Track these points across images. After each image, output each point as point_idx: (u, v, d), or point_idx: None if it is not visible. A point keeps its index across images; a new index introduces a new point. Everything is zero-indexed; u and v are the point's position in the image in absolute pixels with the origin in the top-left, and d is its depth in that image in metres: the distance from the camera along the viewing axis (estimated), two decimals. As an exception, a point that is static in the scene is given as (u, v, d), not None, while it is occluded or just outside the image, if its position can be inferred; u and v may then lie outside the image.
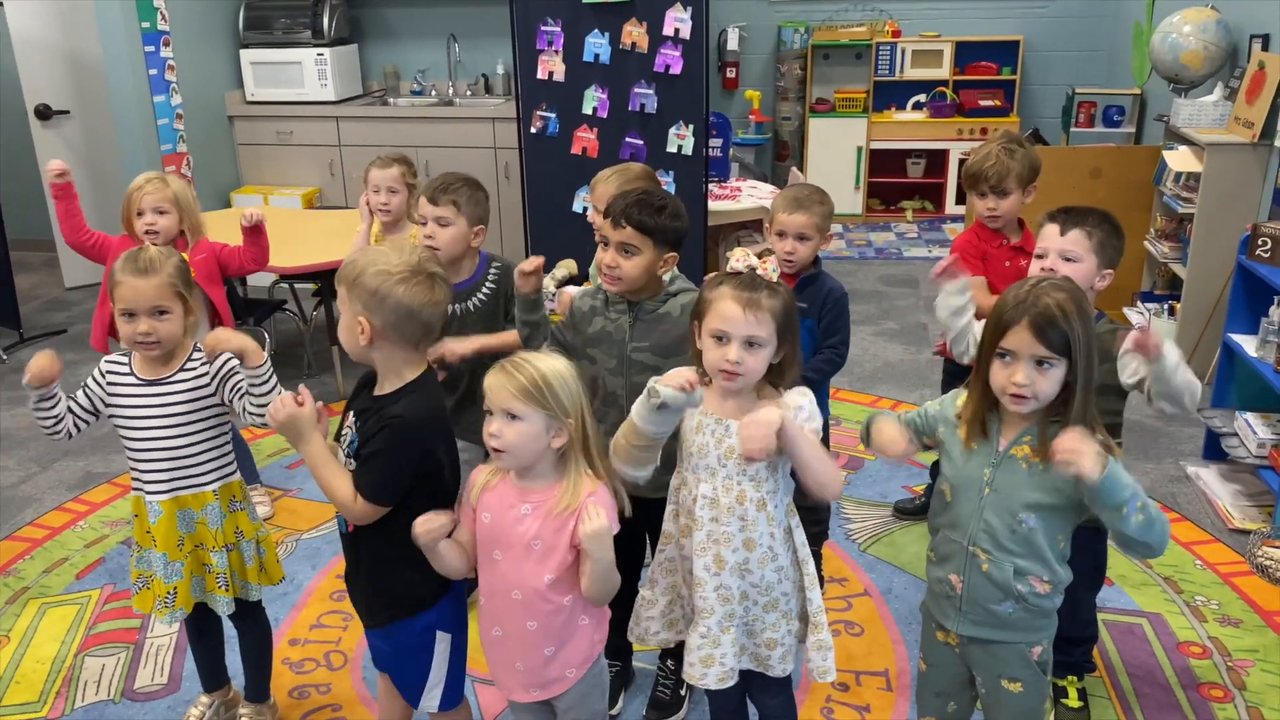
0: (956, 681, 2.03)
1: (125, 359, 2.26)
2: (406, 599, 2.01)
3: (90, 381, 2.26)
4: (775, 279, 1.89)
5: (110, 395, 2.24)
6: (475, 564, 1.95)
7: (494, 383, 1.80)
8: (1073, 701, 2.50)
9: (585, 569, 1.83)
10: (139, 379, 2.22)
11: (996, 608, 1.87)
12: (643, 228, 2.22)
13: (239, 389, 2.23)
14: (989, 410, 1.84)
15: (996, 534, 1.83)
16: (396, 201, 3.24)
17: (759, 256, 1.90)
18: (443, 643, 2.07)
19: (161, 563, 2.27)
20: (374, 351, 1.91)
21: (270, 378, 2.19)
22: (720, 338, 1.86)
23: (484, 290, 2.72)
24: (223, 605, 2.33)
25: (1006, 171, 2.85)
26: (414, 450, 1.89)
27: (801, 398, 1.89)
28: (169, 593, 2.28)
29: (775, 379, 1.93)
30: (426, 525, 1.83)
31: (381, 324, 1.88)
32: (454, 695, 2.13)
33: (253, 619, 2.46)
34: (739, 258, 1.90)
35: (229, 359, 2.24)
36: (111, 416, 2.26)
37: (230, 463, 2.32)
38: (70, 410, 2.24)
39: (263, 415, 2.20)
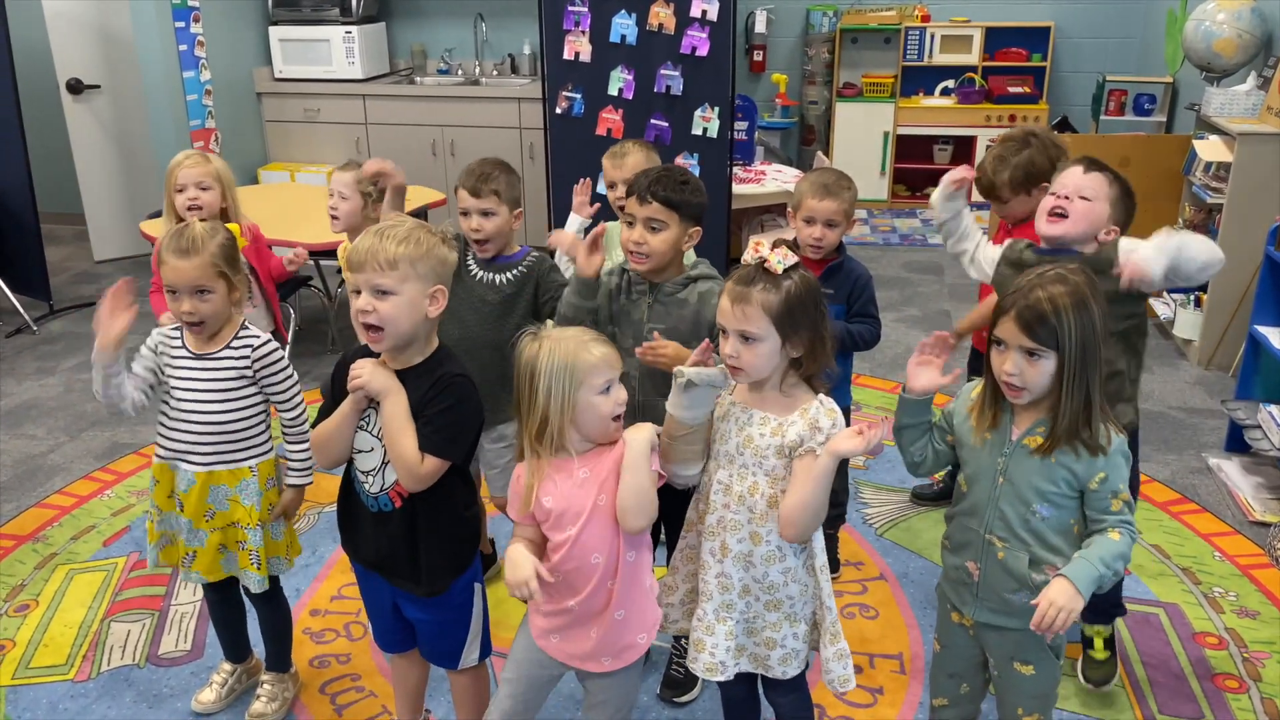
0: (970, 663, 2.04)
1: (178, 331, 2.29)
2: (462, 557, 2.05)
3: (145, 351, 2.29)
4: (781, 270, 1.82)
5: (163, 364, 2.28)
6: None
7: (610, 352, 1.83)
8: (1099, 653, 2.49)
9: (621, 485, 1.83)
10: (190, 352, 2.26)
11: (1012, 597, 1.88)
12: (669, 202, 2.24)
13: (270, 384, 2.30)
14: (999, 399, 1.85)
15: (1011, 523, 1.84)
16: (345, 208, 3.15)
17: (774, 246, 1.85)
18: (479, 593, 2.12)
19: (186, 527, 2.32)
20: (428, 324, 1.94)
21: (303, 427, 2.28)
22: (723, 330, 1.87)
23: (514, 272, 2.66)
24: (255, 582, 2.36)
25: (991, 185, 2.84)
26: (478, 407, 1.95)
27: (828, 419, 1.86)
28: (187, 554, 2.33)
29: (805, 372, 1.89)
30: (520, 578, 1.82)
31: (446, 289, 1.93)
32: (488, 643, 2.18)
33: (272, 601, 2.49)
34: (753, 248, 1.87)
35: (270, 349, 2.27)
36: (165, 383, 2.31)
37: (268, 440, 2.36)
38: (139, 382, 2.28)
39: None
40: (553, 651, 1.99)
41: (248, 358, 2.26)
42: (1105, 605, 2.50)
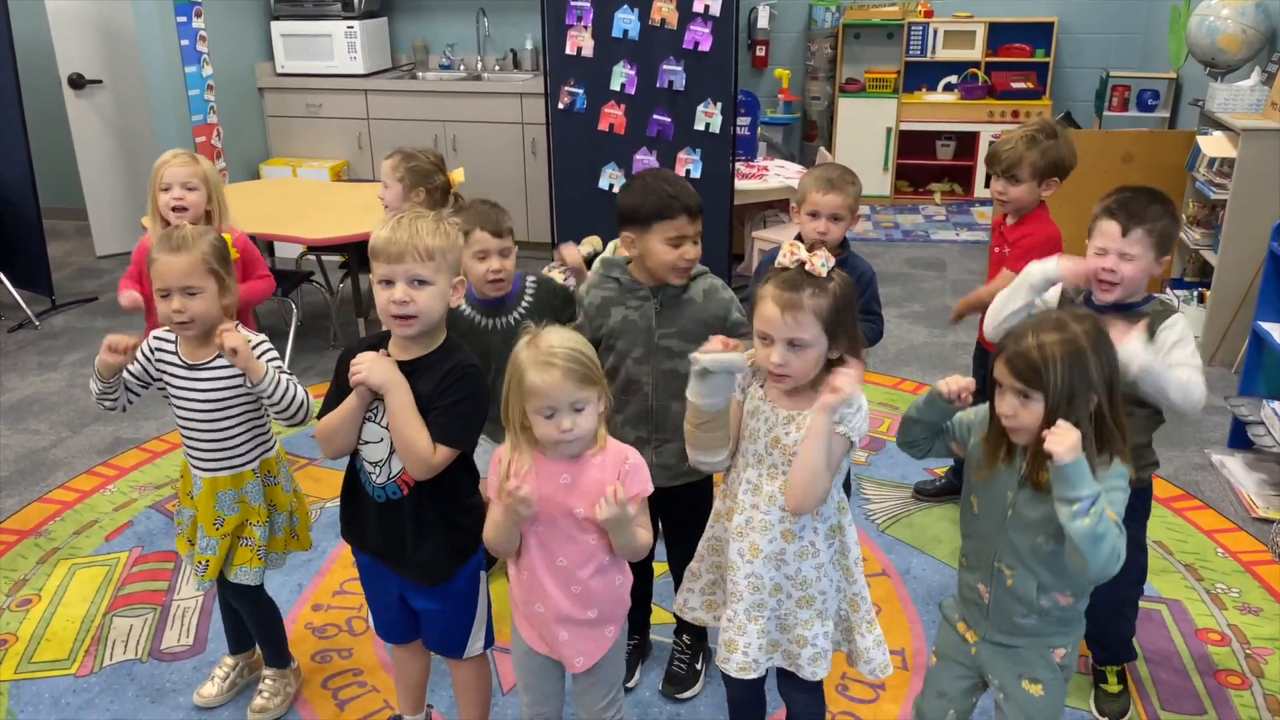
0: (962, 685, 2.01)
1: (172, 338, 2.26)
2: (466, 545, 2.05)
3: (140, 355, 2.27)
4: (825, 273, 1.80)
5: (157, 370, 2.27)
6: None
7: (552, 380, 1.75)
8: (1112, 686, 2.50)
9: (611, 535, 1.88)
10: (182, 362, 2.24)
11: (1021, 620, 1.88)
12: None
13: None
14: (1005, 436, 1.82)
15: (1020, 552, 1.84)
16: (388, 196, 3.13)
17: (811, 248, 1.82)
18: (484, 581, 2.14)
19: (200, 533, 2.32)
20: (446, 311, 1.95)
21: (275, 387, 2.19)
22: (765, 338, 1.84)
23: (522, 307, 2.60)
24: (253, 575, 2.36)
25: (1019, 160, 2.83)
26: (487, 396, 1.97)
27: (860, 396, 1.83)
28: (201, 563, 2.33)
29: (834, 346, 1.86)
30: (516, 490, 1.80)
31: (463, 279, 1.96)
32: (491, 633, 2.20)
33: (255, 600, 2.47)
34: (788, 252, 1.82)
35: (264, 348, 2.24)
36: (161, 388, 2.30)
37: (267, 438, 2.35)
38: (125, 385, 2.28)
39: (288, 420, 2.23)
40: (537, 646, 2.01)
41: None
42: (1114, 645, 2.51)
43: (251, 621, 2.52)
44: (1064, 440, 1.64)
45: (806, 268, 1.80)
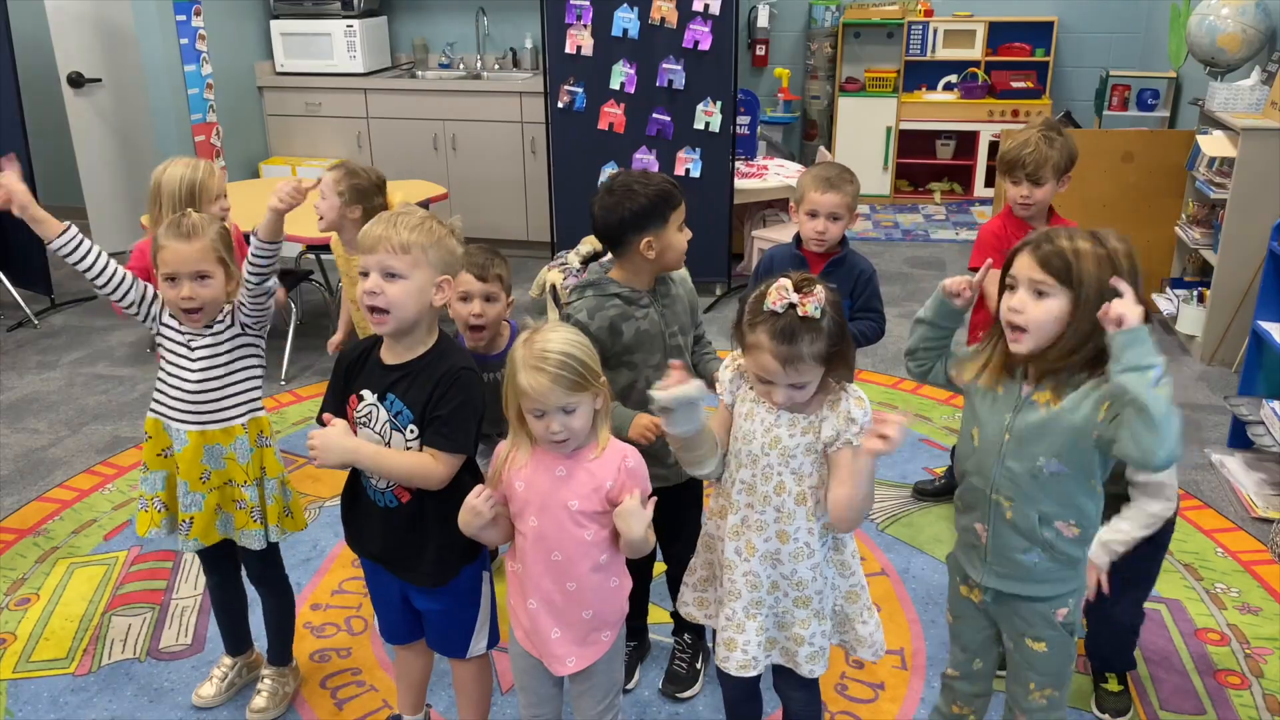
0: (981, 637, 2.01)
1: None
2: (471, 545, 2.04)
3: (150, 289, 2.31)
4: (819, 315, 1.75)
5: (162, 320, 2.29)
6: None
7: (541, 387, 1.75)
8: (1113, 686, 2.49)
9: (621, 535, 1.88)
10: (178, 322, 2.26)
11: (1022, 558, 1.83)
12: None
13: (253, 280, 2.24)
14: (1008, 353, 1.79)
15: (1018, 480, 1.79)
16: (323, 207, 3.09)
17: (799, 290, 1.76)
18: (487, 581, 2.14)
19: (182, 490, 2.29)
20: (431, 313, 1.93)
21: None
22: (764, 381, 1.84)
23: None
24: (256, 540, 2.34)
25: (1044, 161, 2.78)
26: (482, 395, 1.95)
27: (859, 409, 1.83)
28: (185, 520, 2.31)
29: (837, 377, 1.86)
30: (473, 510, 1.86)
31: (453, 280, 1.93)
32: (495, 632, 2.19)
33: (277, 585, 2.50)
34: (777, 296, 1.76)
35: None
36: (157, 335, 2.30)
37: (258, 399, 2.34)
38: (127, 276, 2.30)
39: (266, 270, 2.22)
40: (529, 648, 2.00)
41: (231, 313, 2.25)
42: (1112, 658, 2.50)
43: (269, 610, 2.52)
44: (1134, 307, 1.58)
45: (800, 313, 1.75)
